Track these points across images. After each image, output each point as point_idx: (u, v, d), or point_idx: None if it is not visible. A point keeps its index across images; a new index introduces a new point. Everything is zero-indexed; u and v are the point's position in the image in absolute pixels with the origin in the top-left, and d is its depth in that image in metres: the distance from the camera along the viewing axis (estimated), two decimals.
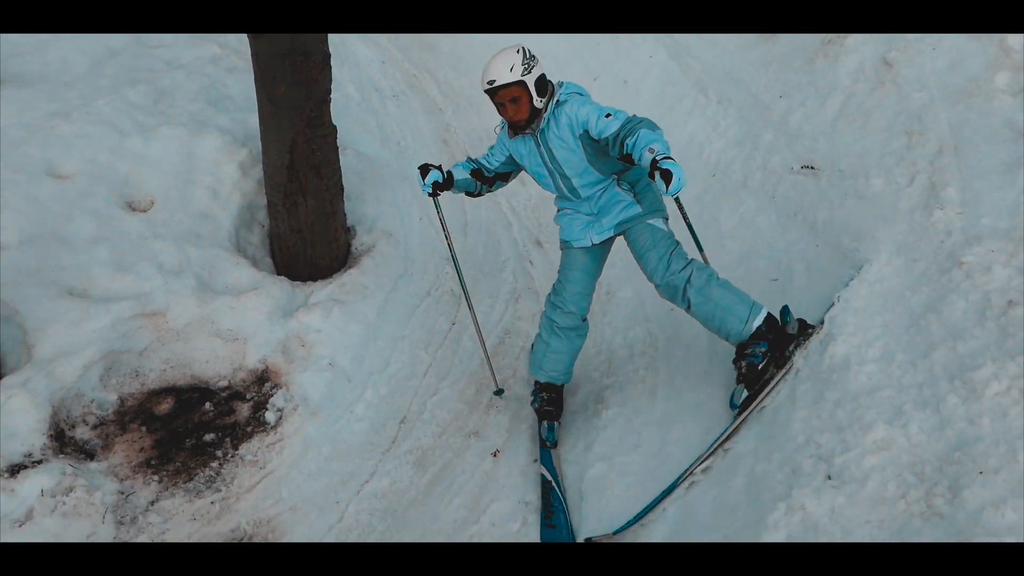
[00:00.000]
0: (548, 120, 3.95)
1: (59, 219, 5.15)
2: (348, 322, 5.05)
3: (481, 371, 4.89)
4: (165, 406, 4.61)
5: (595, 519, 3.86)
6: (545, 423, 4.50)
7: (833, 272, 4.25)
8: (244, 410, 4.63)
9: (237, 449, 4.44)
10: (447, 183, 4.32)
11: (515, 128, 4.05)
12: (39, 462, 4.10)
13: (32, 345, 4.54)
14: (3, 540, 3.82)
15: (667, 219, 4.12)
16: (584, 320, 4.35)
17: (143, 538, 3.98)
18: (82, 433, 4.39)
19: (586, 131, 3.85)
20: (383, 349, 5.01)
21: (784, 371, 3.75)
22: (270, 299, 5.03)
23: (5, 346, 4.58)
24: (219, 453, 4.41)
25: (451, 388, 4.82)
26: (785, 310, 3.91)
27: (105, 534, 3.93)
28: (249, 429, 4.53)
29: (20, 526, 3.85)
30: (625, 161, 3.69)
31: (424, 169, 4.30)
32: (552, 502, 4.02)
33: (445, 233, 4.59)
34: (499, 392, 4.76)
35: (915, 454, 2.92)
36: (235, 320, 4.93)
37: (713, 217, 5.39)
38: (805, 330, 3.85)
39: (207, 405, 4.64)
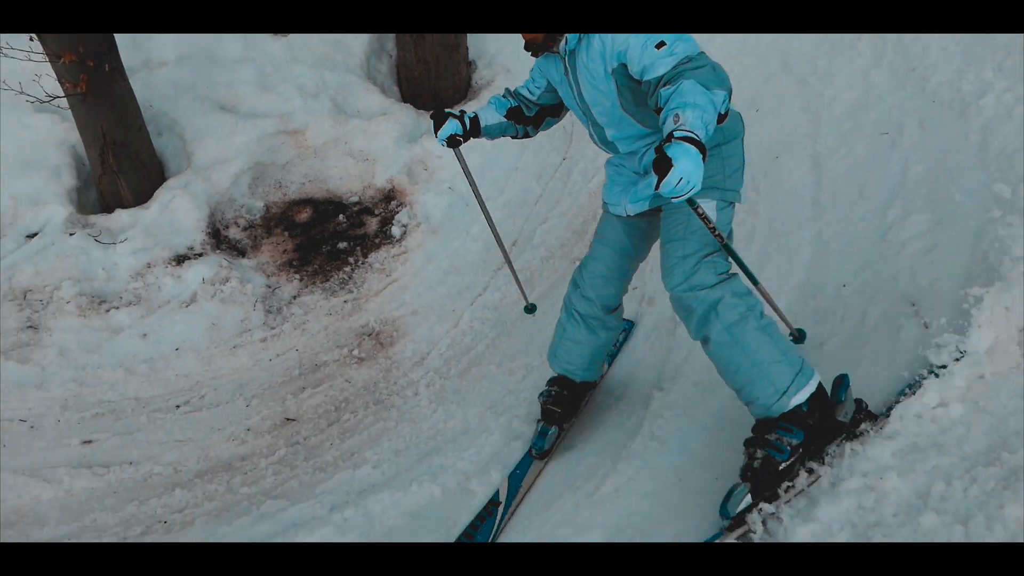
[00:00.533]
0: (578, 39, 2.59)
1: (209, 39, 5.23)
2: (468, 150, 5.04)
3: (589, 203, 4.88)
4: (304, 215, 4.81)
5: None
6: (540, 424, 3.34)
7: (947, 129, 3.99)
8: (373, 224, 4.79)
9: (366, 257, 4.63)
10: (472, 131, 3.07)
11: (531, 48, 2.74)
12: (200, 255, 4.39)
13: (191, 153, 4.74)
14: (172, 319, 4.16)
15: (730, 205, 2.70)
16: (611, 312, 3.14)
17: (287, 327, 4.27)
18: (234, 233, 4.64)
19: (623, 65, 2.48)
20: (498, 178, 5.03)
21: (810, 481, 2.57)
22: (397, 124, 5.07)
23: (168, 152, 4.80)
24: (351, 260, 4.62)
25: (560, 217, 4.84)
26: (842, 383, 2.63)
27: (256, 320, 4.24)
28: (377, 241, 4.71)
29: (186, 306, 4.18)
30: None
31: (439, 117, 3.04)
32: (480, 530, 3.01)
33: (475, 190, 3.28)
34: (530, 309, 3.61)
35: None
36: (366, 142, 5.01)
37: (827, 71, 5.06)
38: (861, 421, 2.65)
39: (341, 217, 4.81)
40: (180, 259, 4.34)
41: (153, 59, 5.05)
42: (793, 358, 2.53)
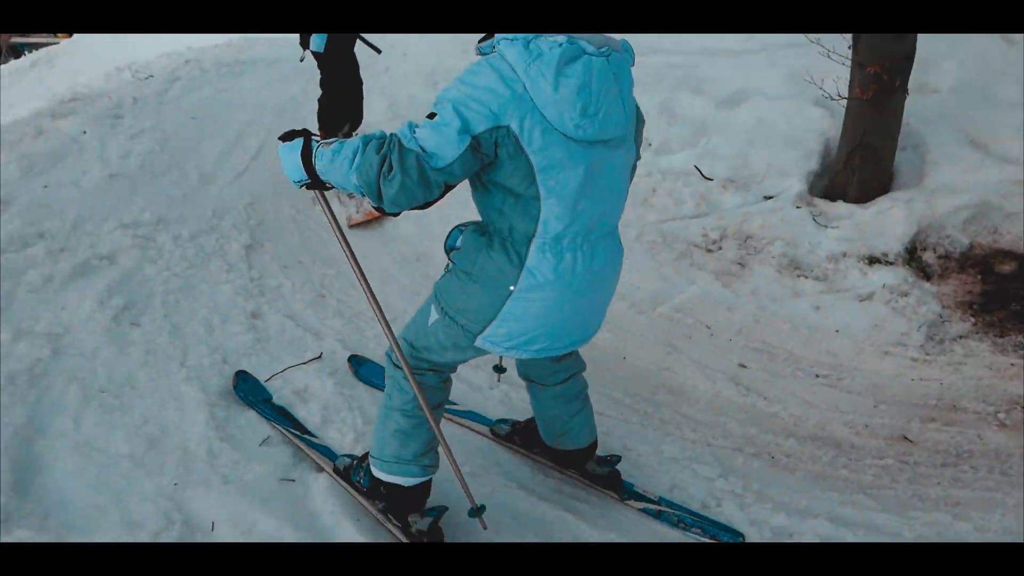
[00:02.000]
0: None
1: (990, 76, 4.77)
2: None
3: None
4: (1007, 267, 4.20)
5: None
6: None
7: None
8: None
9: None
10: None
11: None
12: (891, 263, 4.23)
13: (925, 175, 4.51)
14: (844, 305, 4.13)
15: (457, 325, 2.18)
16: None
17: (942, 359, 3.88)
18: (928, 257, 4.33)
19: None
20: None
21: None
22: None
23: (903, 167, 4.65)
24: None
25: None
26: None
27: (915, 339, 3.95)
28: None
29: (861, 301, 4.11)
30: None
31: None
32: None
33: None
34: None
35: None
36: None
37: None
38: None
39: None
40: (872, 260, 4.26)
41: (930, 84, 4.84)
42: (385, 461, 2.41)
